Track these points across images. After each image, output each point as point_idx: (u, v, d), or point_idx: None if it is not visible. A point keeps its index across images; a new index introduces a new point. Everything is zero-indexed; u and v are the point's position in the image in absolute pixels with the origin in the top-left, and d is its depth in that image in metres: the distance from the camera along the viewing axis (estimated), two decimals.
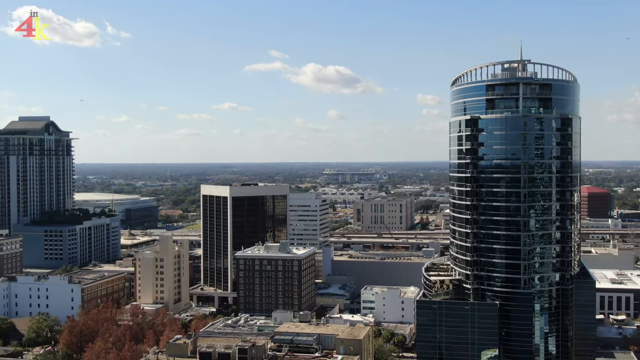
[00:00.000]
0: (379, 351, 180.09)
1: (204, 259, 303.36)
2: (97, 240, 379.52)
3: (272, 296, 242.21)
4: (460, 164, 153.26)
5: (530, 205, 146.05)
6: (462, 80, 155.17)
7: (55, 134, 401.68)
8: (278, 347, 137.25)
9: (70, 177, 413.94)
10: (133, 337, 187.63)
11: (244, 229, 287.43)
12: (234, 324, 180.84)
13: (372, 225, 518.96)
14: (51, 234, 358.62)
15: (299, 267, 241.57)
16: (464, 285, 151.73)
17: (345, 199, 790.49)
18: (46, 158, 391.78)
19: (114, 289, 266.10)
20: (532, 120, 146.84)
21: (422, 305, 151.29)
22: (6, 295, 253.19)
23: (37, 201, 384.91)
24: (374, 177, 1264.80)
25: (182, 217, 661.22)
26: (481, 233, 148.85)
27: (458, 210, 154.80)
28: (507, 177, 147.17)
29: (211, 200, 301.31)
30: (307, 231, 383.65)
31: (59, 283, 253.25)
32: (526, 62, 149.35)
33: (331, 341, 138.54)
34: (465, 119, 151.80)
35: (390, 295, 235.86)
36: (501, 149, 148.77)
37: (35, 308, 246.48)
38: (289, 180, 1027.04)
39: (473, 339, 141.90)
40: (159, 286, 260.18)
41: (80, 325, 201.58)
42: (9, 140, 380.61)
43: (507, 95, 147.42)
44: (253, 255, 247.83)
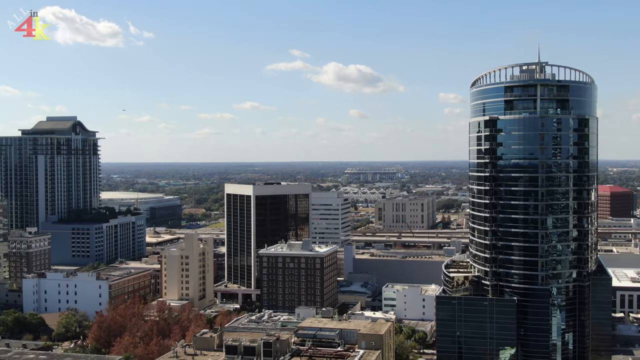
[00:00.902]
0: (400, 347, 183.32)
1: (227, 256, 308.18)
2: (123, 238, 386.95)
3: (295, 293, 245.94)
4: (479, 164, 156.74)
5: (548, 204, 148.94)
6: (481, 81, 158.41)
7: (82, 134, 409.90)
8: (301, 341, 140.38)
9: (96, 176, 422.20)
10: (160, 332, 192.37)
11: (267, 227, 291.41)
12: (258, 319, 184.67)
13: (393, 225, 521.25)
14: (78, 231, 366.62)
15: (321, 265, 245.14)
16: (482, 282, 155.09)
17: (366, 198, 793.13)
18: (73, 157, 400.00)
19: (140, 286, 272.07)
20: (550, 121, 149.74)
21: (442, 300, 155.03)
22: (36, 292, 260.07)
23: (64, 200, 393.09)
24: (396, 176, 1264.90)
25: (205, 216, 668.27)
26: (500, 231, 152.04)
27: (477, 208, 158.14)
28: (525, 177, 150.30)
29: (235, 199, 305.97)
30: (329, 230, 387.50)
31: (87, 280, 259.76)
32: (544, 64, 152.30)
33: (353, 336, 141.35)
34: (484, 120, 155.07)
35: (412, 292, 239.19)
36: (519, 148, 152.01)
37: (64, 304, 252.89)
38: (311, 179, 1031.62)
39: (491, 334, 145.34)
40: (184, 283, 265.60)
41: (108, 321, 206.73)
42: (37, 140, 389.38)
43: (525, 96, 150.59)
44: (276, 253, 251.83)
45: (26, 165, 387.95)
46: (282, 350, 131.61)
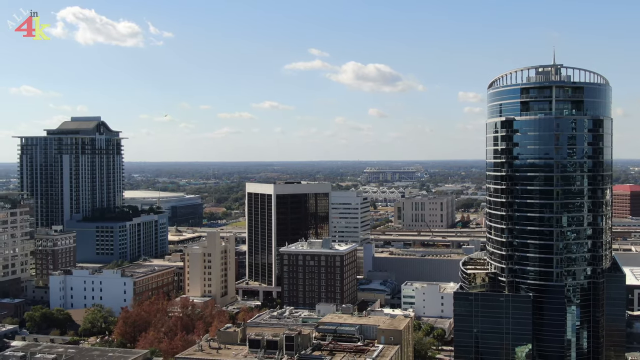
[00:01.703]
0: (418, 343, 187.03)
1: (249, 254, 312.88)
2: (146, 236, 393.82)
3: (315, 290, 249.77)
4: (496, 163, 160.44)
5: (563, 203, 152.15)
6: (498, 83, 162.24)
7: (105, 134, 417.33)
8: (322, 336, 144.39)
9: (120, 175, 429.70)
10: (184, 328, 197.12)
11: (287, 226, 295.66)
12: (279, 315, 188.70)
13: (412, 224, 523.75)
14: (102, 230, 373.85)
15: (340, 263, 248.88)
16: (499, 278, 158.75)
17: (386, 198, 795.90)
18: (97, 157, 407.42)
19: (163, 283, 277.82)
20: (565, 122, 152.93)
21: (459, 296, 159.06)
22: (62, 288, 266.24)
23: (88, 198, 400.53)
24: (415, 176, 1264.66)
25: (225, 215, 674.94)
26: (516, 229, 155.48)
27: (494, 207, 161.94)
28: (541, 176, 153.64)
29: (256, 197, 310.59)
30: (348, 228, 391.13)
31: (112, 276, 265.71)
32: (559, 66, 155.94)
33: (373, 331, 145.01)
34: (500, 120, 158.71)
35: (430, 290, 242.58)
36: (535, 148, 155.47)
37: (90, 300, 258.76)
38: (330, 178, 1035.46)
39: (507, 329, 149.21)
40: (206, 280, 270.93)
41: (133, 316, 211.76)
42: (62, 139, 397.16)
43: (540, 97, 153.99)
44: (297, 251, 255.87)
45: (51, 164, 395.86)
46: (303, 345, 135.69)
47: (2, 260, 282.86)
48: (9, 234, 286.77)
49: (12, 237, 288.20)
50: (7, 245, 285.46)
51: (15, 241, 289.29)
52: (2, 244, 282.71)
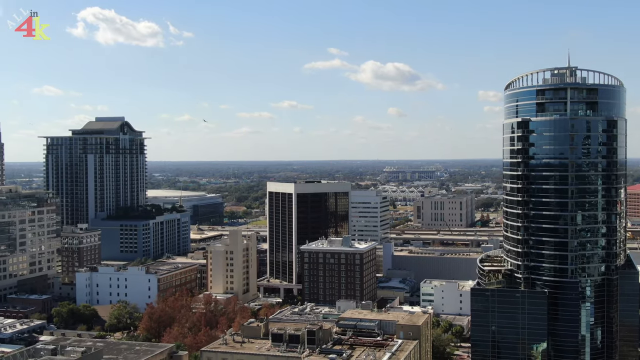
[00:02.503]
0: (437, 339, 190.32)
1: (269, 252, 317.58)
2: (169, 235, 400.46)
3: (335, 288, 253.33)
4: (512, 163, 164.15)
5: (578, 201, 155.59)
6: (514, 85, 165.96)
7: (129, 134, 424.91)
8: (343, 331, 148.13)
9: (143, 175, 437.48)
10: (207, 323, 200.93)
11: (307, 224, 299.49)
12: (300, 311, 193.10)
13: (432, 223, 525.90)
14: (126, 228, 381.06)
15: (360, 261, 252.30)
16: (515, 275, 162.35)
17: (405, 197, 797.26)
18: (121, 156, 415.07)
19: (187, 280, 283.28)
20: (580, 123, 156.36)
21: (476, 292, 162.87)
22: (88, 285, 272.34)
23: (112, 197, 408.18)
24: (435, 175, 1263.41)
25: (246, 214, 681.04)
26: (531, 227, 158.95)
27: (510, 205, 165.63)
28: (556, 175, 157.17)
29: (277, 196, 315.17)
30: (368, 227, 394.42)
31: (137, 273, 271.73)
32: (574, 68, 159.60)
33: (392, 327, 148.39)
34: (517, 121, 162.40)
35: (449, 288, 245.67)
36: (550, 149, 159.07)
37: (115, 296, 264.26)
38: (349, 177, 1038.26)
39: (523, 325, 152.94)
40: (229, 277, 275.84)
41: (158, 312, 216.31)
42: (87, 139, 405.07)
43: (556, 99, 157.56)
44: (317, 249, 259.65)
45: (76, 164, 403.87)
46: (324, 339, 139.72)
47: (29, 258, 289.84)
48: (36, 232, 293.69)
49: (39, 235, 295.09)
50: (33, 243, 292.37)
51: (41, 239, 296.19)
52: (29, 242, 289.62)
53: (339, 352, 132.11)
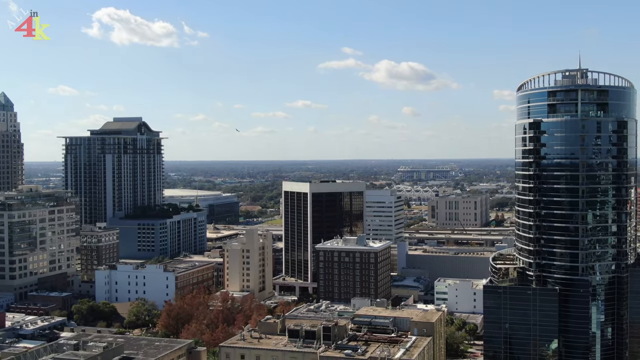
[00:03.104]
0: (451, 337, 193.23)
1: (285, 251, 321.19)
2: (186, 233, 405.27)
3: (350, 286, 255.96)
4: (524, 163, 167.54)
5: (588, 201, 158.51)
6: (526, 86, 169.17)
7: (146, 134, 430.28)
8: (358, 327, 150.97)
9: (160, 174, 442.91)
10: (224, 320, 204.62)
11: (322, 224, 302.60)
12: (316, 309, 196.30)
13: (446, 222, 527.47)
14: (144, 227, 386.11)
15: (375, 259, 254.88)
16: (527, 273, 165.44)
17: (420, 196, 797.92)
18: (138, 156, 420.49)
19: (204, 278, 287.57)
20: (590, 123, 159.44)
21: (489, 289, 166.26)
22: (107, 282, 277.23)
23: (130, 196, 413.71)
24: (450, 175, 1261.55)
25: (261, 213, 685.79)
26: (543, 225, 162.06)
27: (522, 204, 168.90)
28: (567, 175, 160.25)
29: (292, 196, 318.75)
30: (382, 227, 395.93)
31: (155, 271, 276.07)
32: (585, 70, 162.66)
33: (406, 324, 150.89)
34: (529, 122, 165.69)
35: (463, 287, 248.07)
36: (561, 149, 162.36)
37: (134, 294, 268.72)
38: (364, 177, 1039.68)
39: (535, 321, 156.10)
40: (245, 275, 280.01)
41: (176, 309, 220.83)
42: (105, 139, 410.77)
43: (567, 100, 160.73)
44: (332, 248, 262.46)
45: (95, 163, 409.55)
46: (340, 335, 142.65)
47: (49, 256, 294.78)
48: (56, 231, 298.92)
49: (59, 233, 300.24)
50: (53, 242, 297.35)
51: (61, 238, 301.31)
52: (48, 241, 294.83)
53: (354, 347, 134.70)
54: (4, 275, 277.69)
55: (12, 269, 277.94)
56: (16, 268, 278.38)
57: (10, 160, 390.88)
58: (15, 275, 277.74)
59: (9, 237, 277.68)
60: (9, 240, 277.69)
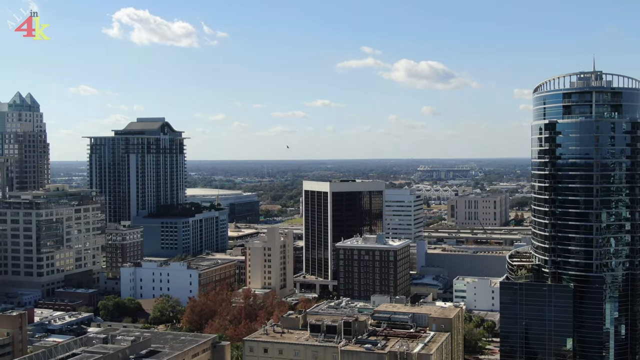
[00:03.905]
0: (469, 334, 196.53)
1: (305, 249, 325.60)
2: (207, 232, 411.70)
3: (370, 284, 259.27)
4: (540, 163, 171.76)
5: (602, 199, 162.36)
6: (542, 88, 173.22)
7: (169, 134, 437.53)
8: (377, 323, 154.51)
9: (182, 174, 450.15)
10: (247, 316, 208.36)
11: (342, 222, 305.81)
12: (336, 305, 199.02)
13: (466, 222, 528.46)
14: (167, 225, 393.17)
15: (394, 258, 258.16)
16: (542, 270, 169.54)
17: (439, 196, 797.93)
18: (161, 156, 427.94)
19: (226, 275, 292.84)
20: (604, 124, 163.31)
21: (505, 286, 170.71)
22: (132, 279, 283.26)
23: (153, 195, 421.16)
24: (469, 174, 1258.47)
25: (281, 212, 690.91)
26: (558, 223, 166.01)
27: (538, 203, 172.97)
28: (581, 174, 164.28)
29: (312, 195, 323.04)
30: (402, 226, 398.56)
31: (179, 269, 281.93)
32: (599, 72, 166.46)
33: (424, 320, 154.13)
34: (544, 123, 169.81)
35: (481, 285, 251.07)
36: (576, 149, 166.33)
37: (158, 291, 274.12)
38: (383, 176, 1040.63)
39: (550, 317, 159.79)
40: (266, 273, 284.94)
41: (200, 305, 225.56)
42: (129, 140, 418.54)
43: (581, 102, 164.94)
44: (352, 246, 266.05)
45: (119, 163, 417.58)
46: (360, 330, 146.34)
47: (75, 254, 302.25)
48: (82, 229, 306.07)
49: (85, 232, 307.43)
50: (79, 240, 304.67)
51: (87, 236, 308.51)
52: (75, 239, 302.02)
53: (374, 342, 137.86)
54: (31, 272, 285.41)
55: (39, 266, 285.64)
56: (43, 265, 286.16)
57: (37, 160, 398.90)
58: (42, 272, 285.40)
59: (36, 235, 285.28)
60: (36, 238, 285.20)
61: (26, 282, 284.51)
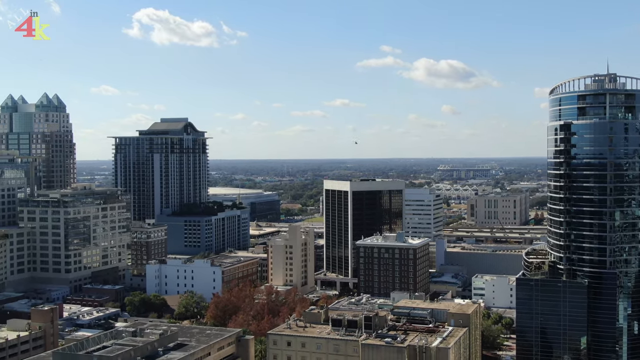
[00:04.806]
0: (487, 330, 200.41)
1: (326, 247, 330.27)
2: (230, 230, 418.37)
3: (390, 281, 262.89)
4: (556, 163, 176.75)
5: (616, 198, 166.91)
6: (558, 90, 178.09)
7: (192, 134, 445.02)
8: (397, 318, 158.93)
9: (205, 173, 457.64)
10: (270, 312, 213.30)
11: (362, 221, 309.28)
12: (357, 302, 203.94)
13: (485, 221, 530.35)
14: (190, 223, 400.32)
15: (414, 256, 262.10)
16: (558, 267, 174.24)
17: (459, 195, 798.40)
18: (184, 156, 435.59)
19: (248, 272, 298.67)
20: (618, 125, 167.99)
21: (521, 282, 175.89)
22: (157, 276, 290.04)
23: (177, 194, 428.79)
24: (490, 173, 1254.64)
25: (301, 211, 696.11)
26: (573, 222, 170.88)
27: (554, 202, 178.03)
28: (596, 174, 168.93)
29: (333, 194, 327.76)
30: (421, 225, 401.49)
31: (203, 266, 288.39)
32: (612, 75, 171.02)
33: (443, 315, 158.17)
34: (560, 124, 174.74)
35: (500, 282, 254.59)
36: (590, 149, 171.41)
37: (182, 287, 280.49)
38: (403, 176, 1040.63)
39: (565, 312, 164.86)
40: (288, 270, 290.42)
41: (224, 301, 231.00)
42: (153, 140, 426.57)
43: (596, 103, 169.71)
44: (372, 244, 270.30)
45: (143, 163, 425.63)
46: (380, 325, 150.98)
47: (101, 251, 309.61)
48: (108, 227, 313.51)
49: (111, 229, 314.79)
50: (106, 237, 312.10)
51: (113, 233, 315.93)
52: (101, 236, 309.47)
53: (393, 336, 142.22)
54: (59, 269, 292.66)
55: (67, 263, 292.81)
56: (71, 262, 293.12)
57: (63, 159, 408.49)
58: (70, 269, 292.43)
59: (64, 232, 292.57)
60: (64, 236, 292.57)
61: (54, 278, 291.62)
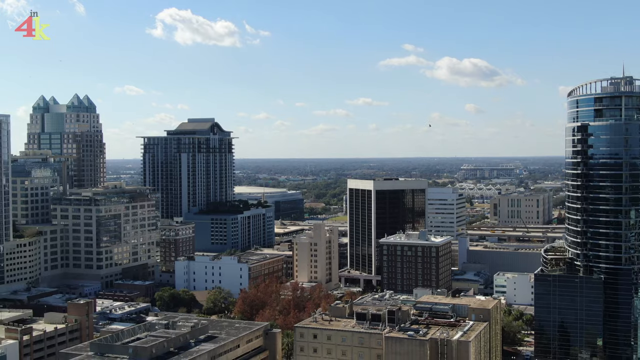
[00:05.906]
0: (508, 326, 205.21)
1: (350, 245, 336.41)
2: (255, 228, 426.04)
3: (412, 278, 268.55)
4: (573, 163, 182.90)
5: (631, 197, 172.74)
6: (575, 92, 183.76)
7: (218, 134, 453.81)
8: (419, 313, 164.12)
9: (231, 172, 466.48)
10: (295, 307, 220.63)
11: (385, 220, 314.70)
12: (380, 297, 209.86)
13: (508, 220, 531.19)
14: (217, 222, 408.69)
15: (436, 254, 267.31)
16: (575, 263, 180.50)
17: (482, 194, 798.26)
18: (211, 155, 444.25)
19: (274, 269, 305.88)
20: (633, 126, 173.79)
21: (540, 278, 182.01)
22: (186, 272, 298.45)
23: (203, 193, 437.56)
24: (513, 173, 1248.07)
25: (324, 210, 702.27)
26: (590, 220, 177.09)
27: (571, 201, 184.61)
28: (612, 174, 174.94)
29: (357, 193, 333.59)
30: (444, 223, 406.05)
31: (230, 262, 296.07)
32: (628, 78, 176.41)
33: (464, 310, 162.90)
34: (577, 125, 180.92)
35: (521, 280, 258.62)
36: (607, 150, 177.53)
37: (210, 283, 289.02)
38: (426, 175, 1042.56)
39: (581, 306, 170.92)
40: (313, 267, 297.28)
41: (251, 297, 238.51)
42: (180, 139, 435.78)
43: (612, 106, 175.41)
44: (395, 242, 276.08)
45: (171, 162, 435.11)
46: (403, 319, 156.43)
47: (131, 248, 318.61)
48: (138, 225, 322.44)
49: (140, 227, 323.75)
50: (135, 235, 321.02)
51: (142, 231, 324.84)
52: (131, 234, 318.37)
53: (416, 330, 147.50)
54: (91, 265, 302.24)
55: (99, 259, 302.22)
56: (103, 259, 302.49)
57: (93, 158, 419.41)
58: (102, 265, 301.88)
59: (96, 230, 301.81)
60: (96, 233, 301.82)
61: (86, 274, 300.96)
